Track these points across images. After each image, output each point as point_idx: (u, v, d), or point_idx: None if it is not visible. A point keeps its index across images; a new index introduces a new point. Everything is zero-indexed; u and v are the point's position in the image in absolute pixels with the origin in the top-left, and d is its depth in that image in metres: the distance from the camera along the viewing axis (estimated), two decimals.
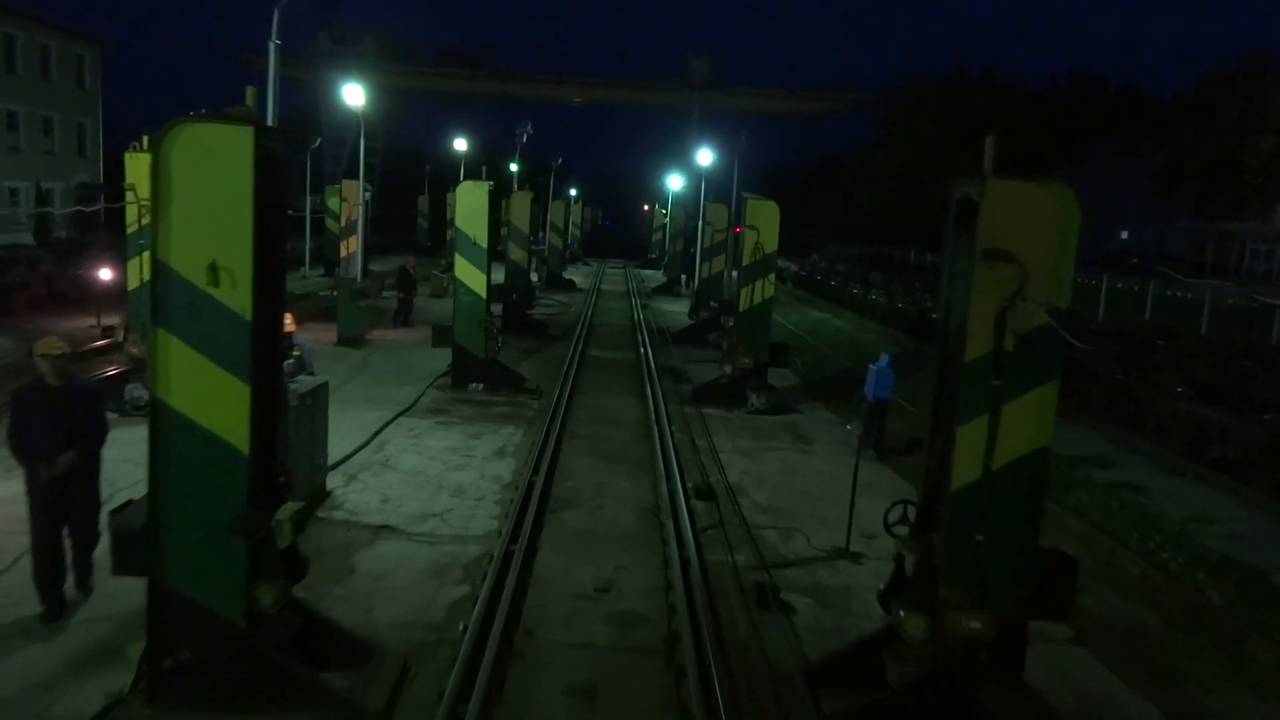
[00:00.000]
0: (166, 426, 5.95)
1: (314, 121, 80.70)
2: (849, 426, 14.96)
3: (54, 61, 46.26)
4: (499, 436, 14.17)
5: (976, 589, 6.15)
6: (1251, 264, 65.53)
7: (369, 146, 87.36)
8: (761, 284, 17.06)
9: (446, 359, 17.88)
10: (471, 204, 16.86)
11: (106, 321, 20.10)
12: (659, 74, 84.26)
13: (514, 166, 51.72)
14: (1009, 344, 6.00)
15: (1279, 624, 8.84)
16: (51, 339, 7.36)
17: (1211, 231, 67.66)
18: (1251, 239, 65.93)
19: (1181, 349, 21.08)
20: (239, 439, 5.99)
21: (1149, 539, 11.19)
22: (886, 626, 6.83)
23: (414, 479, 11.65)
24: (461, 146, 36.41)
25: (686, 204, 47.16)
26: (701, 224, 35.83)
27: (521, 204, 24.84)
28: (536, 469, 12.19)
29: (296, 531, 6.48)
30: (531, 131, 30.54)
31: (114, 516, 6.19)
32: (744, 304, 17.13)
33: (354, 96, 21.38)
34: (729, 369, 17.29)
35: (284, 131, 6.57)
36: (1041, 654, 7.25)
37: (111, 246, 23.84)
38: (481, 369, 17.20)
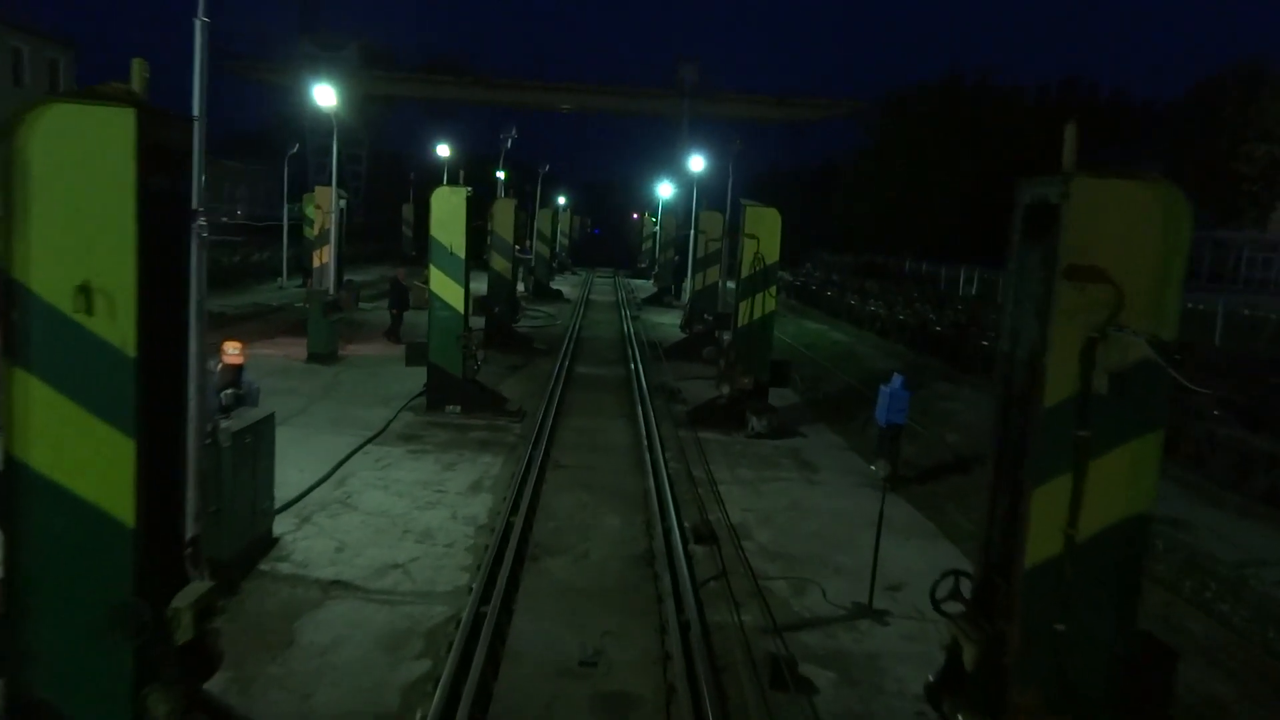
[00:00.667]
0: (25, 491, 4.65)
1: (295, 128, 79.33)
2: (873, 467, 13.72)
3: (26, 65, 44.81)
4: (476, 467, 12.85)
5: (1058, 692, 4.89)
6: (1249, 272, 64.80)
7: (353, 154, 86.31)
8: (762, 298, 15.81)
9: (424, 377, 16.57)
10: (447, 211, 15.57)
11: None
12: (649, 82, 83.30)
13: (500, 174, 50.57)
14: (1099, 385, 4.75)
15: None
16: None
17: (1208, 240, 66.89)
18: (1249, 247, 65.21)
19: (1201, 364, 19.92)
20: (121, 508, 4.70)
21: (1204, 587, 9.96)
22: None
23: (376, 521, 10.33)
24: (444, 153, 35.10)
25: (677, 212, 45.95)
26: (694, 232, 34.66)
27: (505, 212, 23.54)
28: (515, 507, 10.88)
29: (203, 620, 5.16)
30: (516, 136, 29.32)
31: None
32: (743, 319, 15.87)
33: (325, 98, 20.09)
34: (726, 389, 16.02)
35: (183, 117, 5.27)
36: None
37: None
38: (459, 390, 15.89)
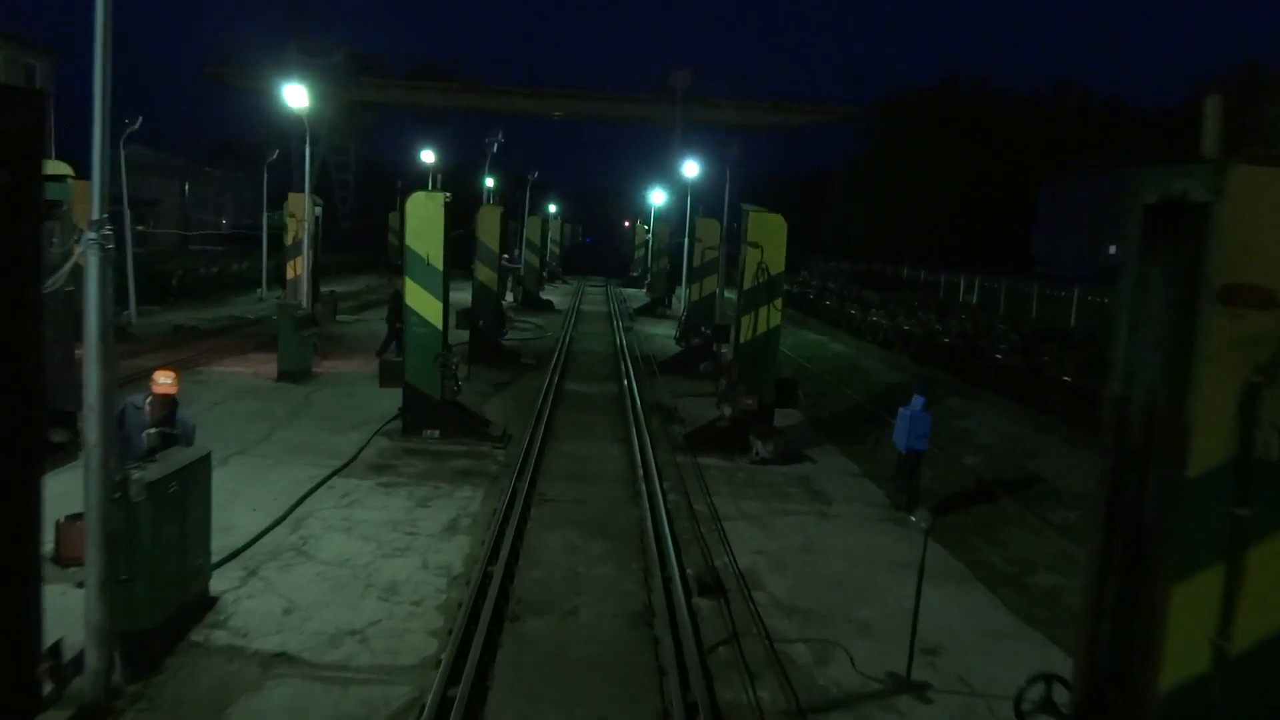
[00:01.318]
0: None
1: (282, 135, 77.97)
2: (914, 518, 12.47)
3: (1, 72, 43.53)
4: (453, 502, 11.55)
5: None
6: None
7: (340, 161, 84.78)
8: (765, 311, 14.58)
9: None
10: (424, 218, 14.31)
11: None
12: (640, 88, 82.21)
13: (490, 181, 49.34)
14: (1266, 447, 3.52)
15: None
16: None
17: None
18: None
19: None
20: None
21: None
22: None
23: (335, 573, 9.02)
24: (429, 159, 33.84)
25: (670, 219, 44.78)
26: (689, 240, 33.45)
27: (490, 219, 22.27)
28: (495, 553, 9.60)
29: None
30: (502, 140, 28.13)
31: None
32: (745, 334, 14.63)
33: (296, 99, 18.80)
34: (728, 410, 14.76)
35: (26, 95, 4.01)
36: None
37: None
38: (438, 413, 14.60)
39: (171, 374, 8.19)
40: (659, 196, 57.53)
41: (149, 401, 8.06)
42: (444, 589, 8.81)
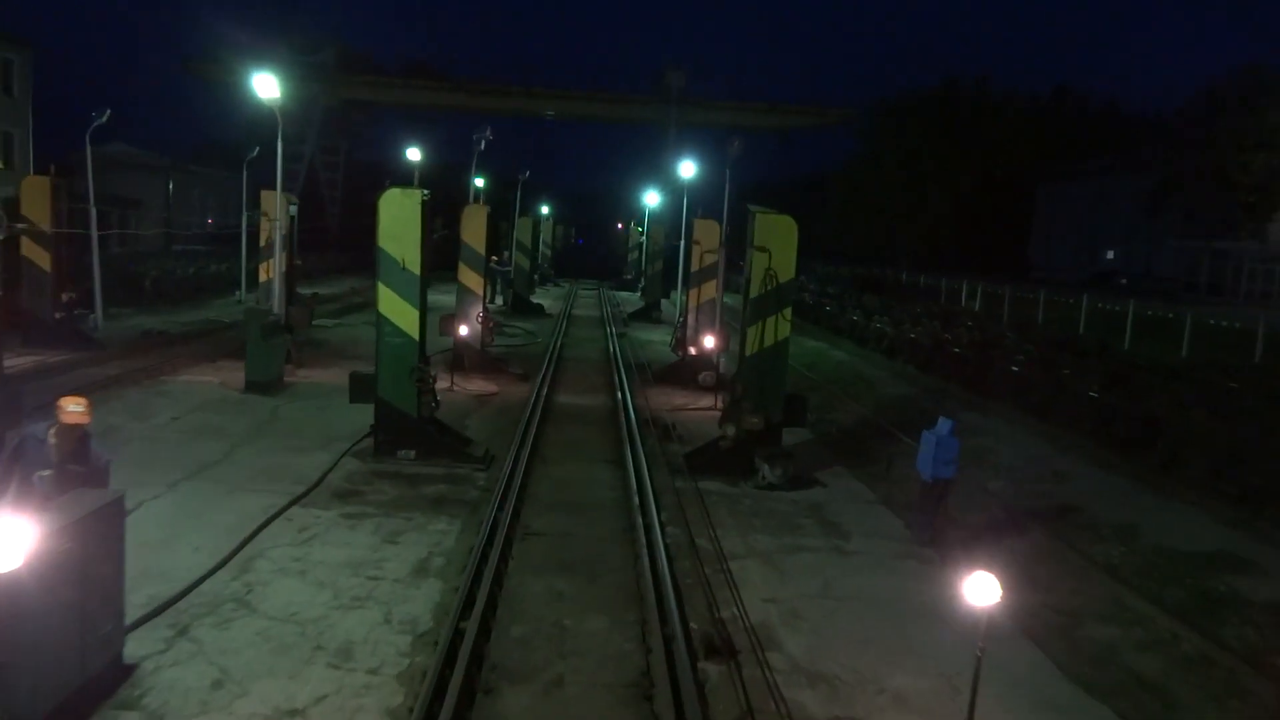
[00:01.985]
0: None
1: (269, 134, 76.52)
2: (971, 595, 11.24)
3: None
4: (425, 537, 10.25)
5: None
6: (1250, 284, 62.99)
7: (330, 161, 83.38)
8: (774, 322, 13.31)
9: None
10: (399, 217, 13.01)
11: None
12: (635, 88, 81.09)
13: (480, 182, 47.95)
14: None
15: None
16: None
17: (1206, 251, 65.12)
18: (1250, 258, 63.41)
19: (1268, 393, 17.56)
20: None
21: None
22: None
23: (280, 631, 7.71)
24: (415, 156, 32.42)
25: (665, 221, 43.49)
26: (685, 243, 32.16)
27: (476, 219, 20.95)
28: (469, 602, 8.31)
29: None
30: (490, 137, 26.84)
31: None
32: (751, 347, 13.35)
33: (266, 89, 17.47)
34: (731, 430, 13.47)
35: None
36: None
37: None
38: (413, 431, 13.30)
39: (82, 401, 6.85)
40: (653, 198, 56.26)
41: (53, 432, 6.74)
42: (408, 651, 7.51)
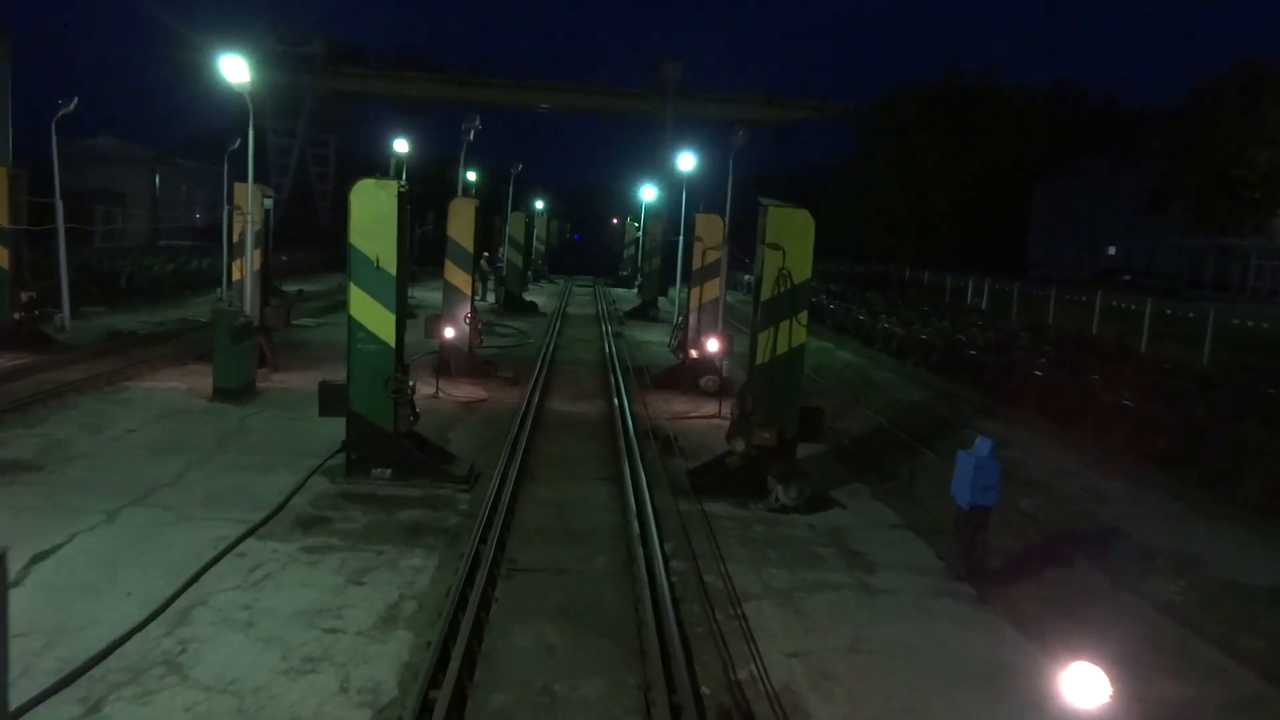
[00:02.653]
0: None
1: (258, 126, 75.01)
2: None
3: None
4: (396, 576, 8.99)
5: None
6: (1257, 281, 61.93)
7: (319, 154, 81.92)
8: (788, 327, 12.05)
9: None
10: (372, 211, 11.71)
11: None
12: (631, 81, 79.75)
13: (472, 175, 46.63)
14: None
15: None
16: None
17: (1212, 247, 64.04)
18: (1256, 255, 62.33)
19: None
20: None
21: None
22: None
23: (212, 706, 6.43)
24: (402, 148, 31.13)
25: (662, 216, 42.25)
26: (683, 239, 30.91)
27: (463, 213, 19.64)
28: (443, 661, 7.06)
29: None
30: (480, 127, 25.58)
31: None
32: (763, 354, 12.10)
33: (235, 73, 16.13)
34: (740, 446, 12.22)
35: None
36: None
37: None
38: (389, 448, 12.03)
39: None
40: (649, 193, 55.02)
41: None
42: None
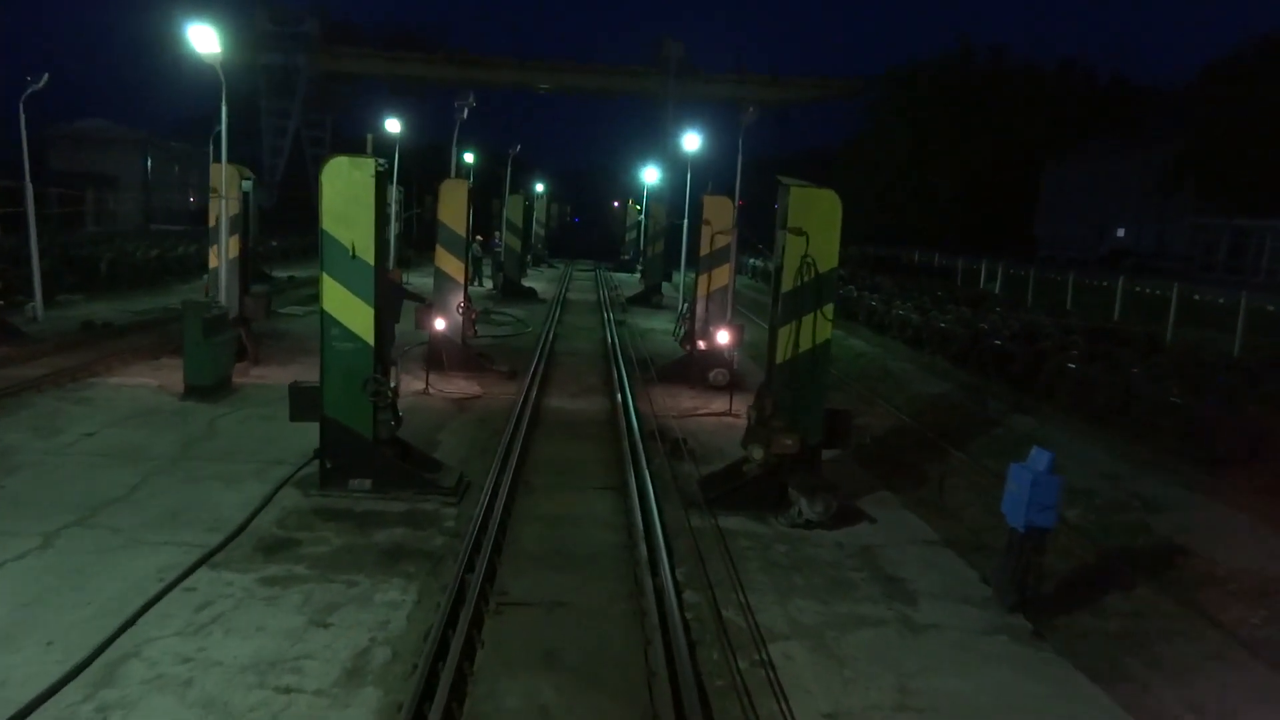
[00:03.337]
0: None
1: (251, 108, 73.59)
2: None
3: None
4: (369, 614, 7.78)
5: None
6: (1273, 263, 60.54)
7: (315, 136, 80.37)
8: (811, 321, 10.81)
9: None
10: (347, 194, 10.44)
11: None
12: (632, 60, 78.30)
13: (469, 157, 45.26)
14: None
15: None
16: None
17: (1225, 228, 62.60)
18: (1272, 235, 60.87)
19: None
20: None
21: None
22: None
23: None
24: (395, 128, 29.85)
25: (665, 199, 40.89)
26: (688, 223, 29.62)
27: (455, 196, 18.34)
28: None
29: None
30: (474, 104, 24.27)
31: None
32: (784, 352, 10.85)
33: (204, 43, 14.77)
34: (758, 453, 11.00)
35: None
36: None
37: None
38: (368, 457, 10.82)
39: None
40: (652, 174, 53.63)
41: None
42: None
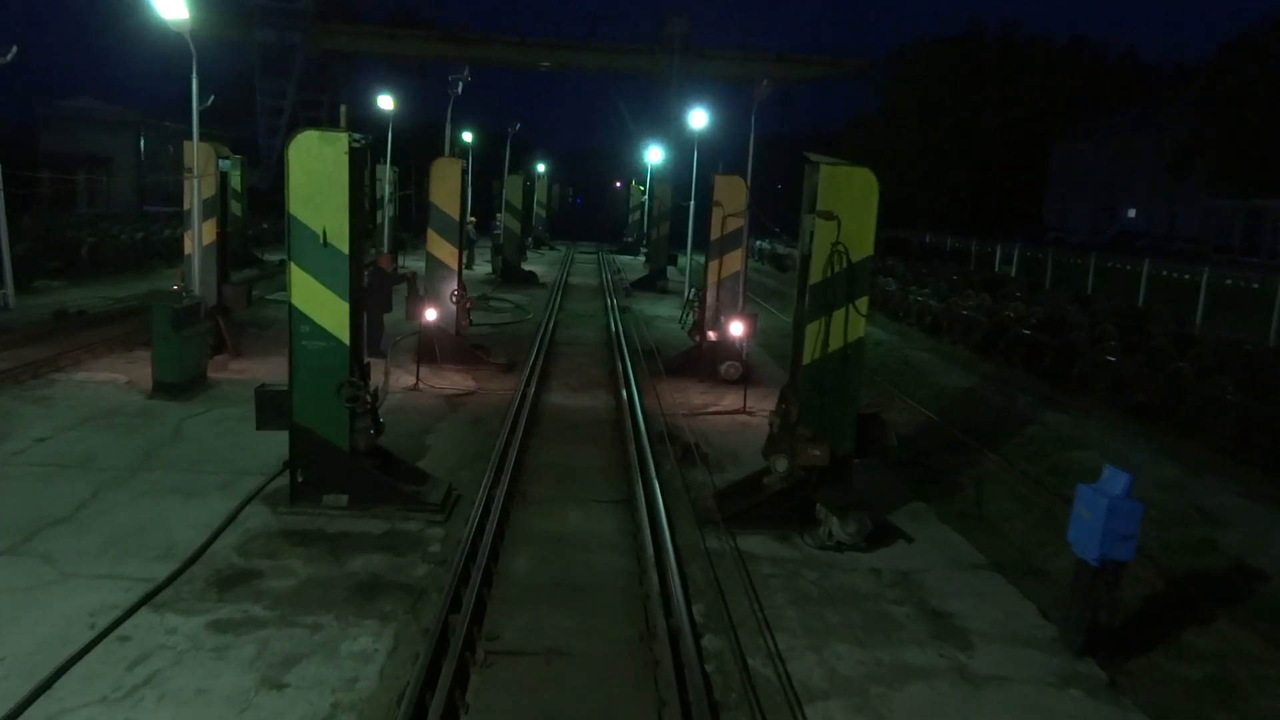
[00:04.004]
0: None
1: (246, 86, 72.14)
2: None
3: None
4: (333, 670, 6.61)
5: None
6: None
7: (312, 116, 79.09)
8: (843, 316, 9.59)
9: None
10: (316, 172, 9.21)
11: None
12: (635, 37, 76.70)
13: (467, 136, 43.93)
14: None
15: None
16: None
17: (1240, 209, 61.15)
18: None
19: None
20: None
21: None
22: None
23: None
24: (388, 105, 28.48)
25: (669, 179, 39.58)
26: (694, 204, 28.38)
27: (447, 176, 17.07)
28: None
29: None
30: (469, 79, 22.98)
31: None
32: (812, 351, 9.64)
33: (170, 8, 13.51)
34: (781, 465, 9.80)
35: None
36: None
37: None
38: (345, 470, 9.64)
39: None
40: (656, 154, 52.27)
41: None
42: None
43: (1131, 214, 76.41)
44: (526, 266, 35.67)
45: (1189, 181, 63.13)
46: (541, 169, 61.35)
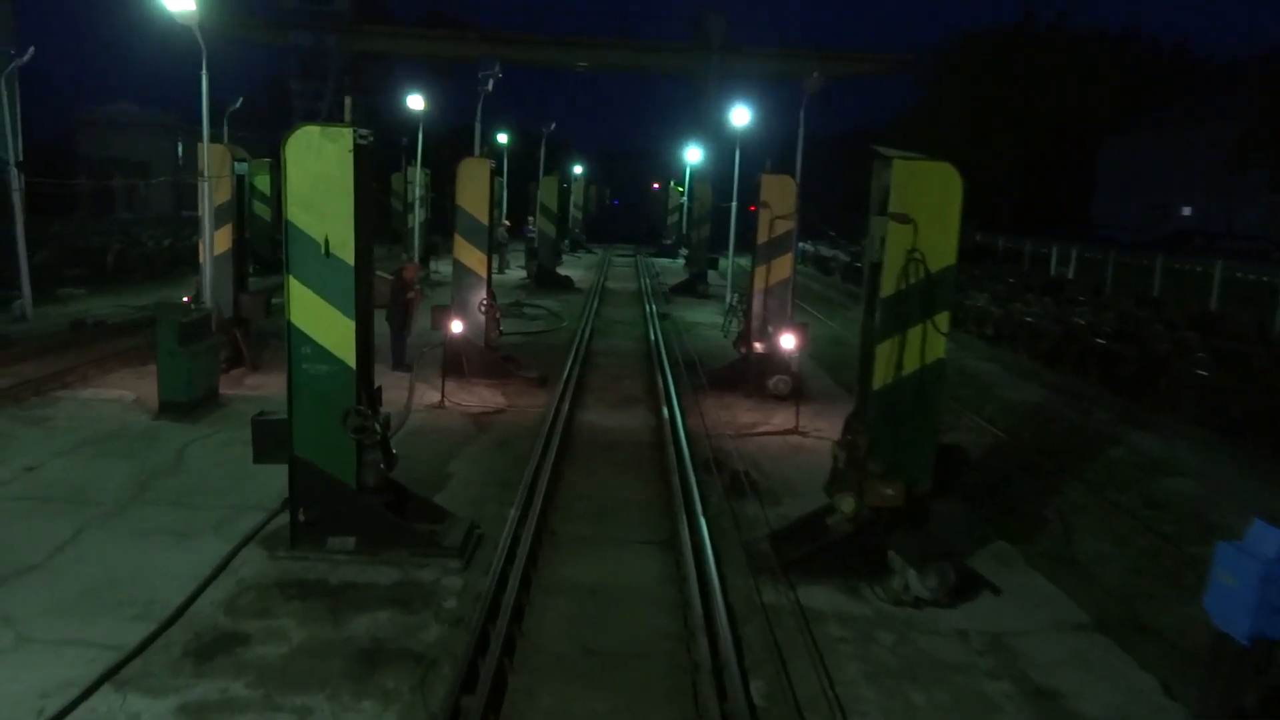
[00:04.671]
0: None
1: (282, 90, 72.06)
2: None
3: None
4: None
5: None
6: None
7: (339, 118, 79.10)
8: (919, 334, 8.30)
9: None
10: (317, 173, 8.11)
11: None
12: (672, 37, 75.60)
13: (503, 137, 42.99)
14: None
15: None
16: None
17: None
18: None
19: None
20: None
21: None
22: None
23: None
24: (418, 105, 27.53)
25: (709, 179, 38.29)
26: (736, 205, 27.08)
27: (476, 178, 15.97)
28: None
29: None
30: (500, 75, 21.97)
31: None
32: (884, 375, 8.35)
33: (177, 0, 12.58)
34: (849, 505, 8.52)
35: None
36: None
37: None
38: (352, 509, 8.54)
39: None
40: (695, 154, 51.00)
41: None
42: None
43: (1186, 211, 73.74)
44: (562, 270, 34.59)
45: (1249, 178, 60.63)
46: (578, 170, 60.30)
